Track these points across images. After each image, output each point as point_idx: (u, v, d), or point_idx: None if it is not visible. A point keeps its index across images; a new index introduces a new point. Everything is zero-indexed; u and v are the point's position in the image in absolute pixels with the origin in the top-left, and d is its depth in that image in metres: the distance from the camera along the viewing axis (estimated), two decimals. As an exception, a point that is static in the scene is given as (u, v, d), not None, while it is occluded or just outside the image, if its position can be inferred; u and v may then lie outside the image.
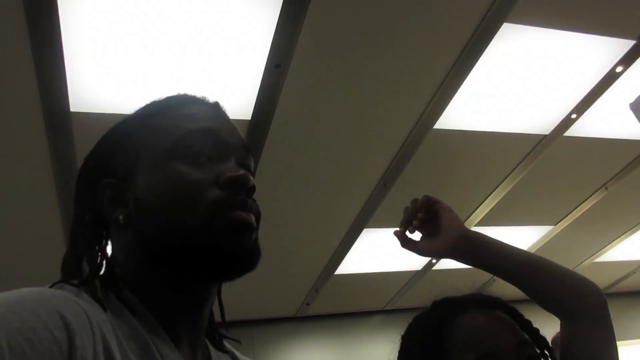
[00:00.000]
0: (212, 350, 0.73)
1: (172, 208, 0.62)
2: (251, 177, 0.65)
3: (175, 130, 0.66)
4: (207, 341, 0.74)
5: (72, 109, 2.13)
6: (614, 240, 4.66)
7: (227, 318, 0.79)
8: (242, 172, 0.64)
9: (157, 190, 0.63)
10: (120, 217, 0.64)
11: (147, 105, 0.74)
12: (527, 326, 0.75)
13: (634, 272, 5.56)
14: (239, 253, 0.64)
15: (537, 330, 0.76)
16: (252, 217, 0.65)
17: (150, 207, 0.63)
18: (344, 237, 3.60)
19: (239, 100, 2.29)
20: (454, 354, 0.67)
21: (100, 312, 0.55)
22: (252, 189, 0.65)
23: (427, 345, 0.74)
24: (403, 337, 0.76)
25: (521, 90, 2.60)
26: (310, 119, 2.51)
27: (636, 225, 4.43)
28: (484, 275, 4.76)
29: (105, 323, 0.53)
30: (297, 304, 4.62)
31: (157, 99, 0.74)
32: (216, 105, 0.74)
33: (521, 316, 0.76)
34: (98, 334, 0.50)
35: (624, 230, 4.50)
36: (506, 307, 0.76)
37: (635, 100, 0.69)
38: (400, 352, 0.76)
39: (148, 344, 0.56)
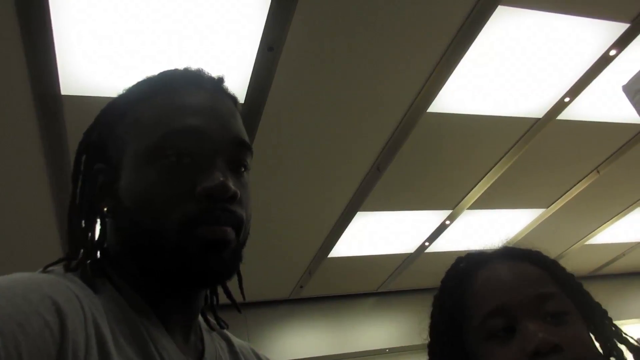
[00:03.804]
0: (206, 333, 0.72)
1: (145, 221, 0.60)
2: (230, 186, 0.60)
3: (158, 127, 0.62)
4: (200, 323, 0.73)
5: (63, 92, 2.11)
6: (604, 223, 4.71)
7: (221, 302, 0.79)
8: (218, 182, 0.59)
9: (135, 193, 0.61)
10: (106, 208, 0.64)
11: (139, 83, 0.71)
12: (565, 280, 0.64)
13: (623, 255, 5.62)
14: (206, 273, 0.61)
15: (578, 287, 0.65)
16: (227, 230, 0.60)
17: (128, 207, 0.62)
18: (337, 220, 3.61)
19: (232, 84, 2.23)
20: (471, 309, 0.63)
21: (92, 296, 0.55)
22: (232, 198, 0.61)
23: (448, 299, 0.67)
24: (434, 296, 0.73)
25: (515, 74, 2.60)
26: (303, 102, 2.50)
27: (626, 208, 4.48)
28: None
29: (96, 307, 0.53)
30: (291, 287, 4.65)
31: (152, 76, 0.70)
32: (214, 88, 0.70)
33: (558, 268, 0.67)
34: (90, 318, 0.50)
35: (614, 214, 4.55)
36: (538, 259, 0.67)
37: (628, 83, 0.69)
38: (431, 311, 0.72)
39: (139, 327, 0.56)
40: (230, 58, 2.15)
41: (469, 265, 0.69)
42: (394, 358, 5.27)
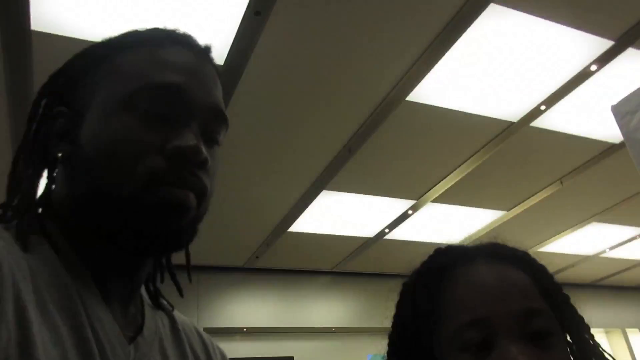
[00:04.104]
0: (147, 307, 0.67)
1: (108, 170, 0.55)
2: (203, 151, 0.56)
3: (137, 77, 0.58)
4: (143, 296, 0.68)
5: (33, 27, 2.00)
6: (559, 233, 4.84)
7: (174, 261, 0.75)
8: (192, 143, 0.56)
9: (100, 140, 0.56)
10: (60, 154, 0.58)
11: (125, 34, 0.65)
12: (552, 292, 0.58)
13: (573, 266, 5.82)
14: (161, 236, 0.56)
15: (565, 299, 0.59)
16: (191, 196, 0.57)
17: (88, 158, 0.57)
18: (302, 195, 3.60)
19: (213, 43, 2.20)
20: (448, 314, 0.55)
21: (20, 255, 0.49)
22: (203, 163, 0.57)
23: (423, 298, 0.58)
24: (403, 285, 0.62)
25: (496, 75, 2.60)
26: (284, 72, 2.45)
27: (582, 221, 4.61)
28: (432, 250, 4.88)
29: (21, 267, 0.48)
30: (247, 256, 4.63)
31: (139, 30, 0.65)
32: (201, 53, 0.65)
33: (546, 276, 0.60)
34: (8, 280, 0.45)
35: (570, 225, 4.68)
36: (526, 264, 0.60)
37: (617, 104, 0.68)
38: (398, 301, 0.61)
39: (72, 294, 0.51)
40: (215, 18, 2.07)
41: (450, 261, 0.60)
42: (339, 337, 5.36)
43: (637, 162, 0.74)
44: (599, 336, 6.70)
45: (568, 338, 0.58)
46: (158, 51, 0.61)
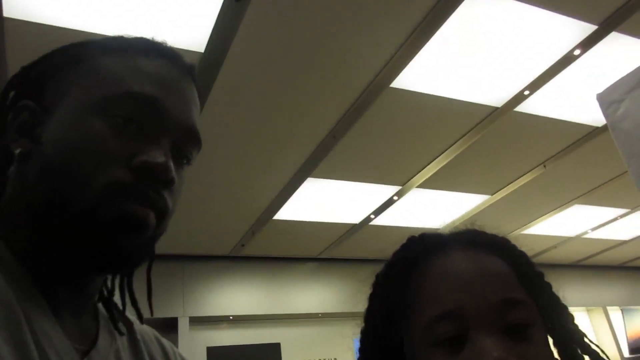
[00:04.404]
0: (103, 318, 0.62)
1: (68, 175, 0.52)
2: (171, 170, 0.54)
3: (115, 83, 0.56)
4: (99, 307, 0.63)
5: (6, 14, 1.93)
6: (542, 216, 4.89)
7: (158, 251, 0.70)
8: (160, 160, 0.53)
9: (63, 140, 0.53)
10: (18, 150, 0.54)
11: (110, 37, 0.61)
12: (533, 280, 0.54)
13: (555, 247, 5.90)
14: (114, 253, 0.52)
15: (547, 288, 0.55)
16: (151, 214, 0.53)
17: (48, 159, 0.53)
18: (287, 183, 3.57)
19: (193, 31, 2.15)
20: (420, 306, 0.51)
21: None
22: (169, 183, 0.54)
23: (394, 288, 0.54)
24: (376, 276, 0.58)
25: (480, 60, 2.59)
26: (266, 60, 2.41)
27: (565, 204, 4.66)
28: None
29: None
30: (232, 244, 4.61)
31: (125, 36, 0.62)
32: (185, 71, 0.62)
33: (526, 264, 0.55)
34: None
35: (553, 208, 4.73)
36: (506, 251, 0.55)
37: (603, 92, 0.67)
38: (370, 293, 0.57)
39: (14, 310, 0.47)
40: (194, 6, 2.02)
41: (423, 249, 0.56)
42: (326, 323, 5.39)
43: (622, 151, 0.73)
44: (581, 315, 6.88)
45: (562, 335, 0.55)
46: (141, 60, 0.58)
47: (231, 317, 4.91)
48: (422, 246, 0.57)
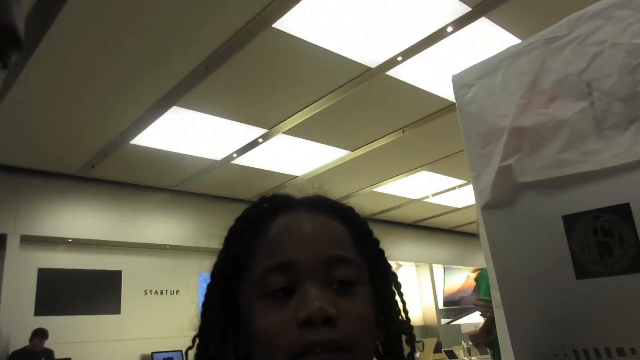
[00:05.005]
0: None
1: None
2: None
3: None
4: None
5: None
6: (394, 177, 5.25)
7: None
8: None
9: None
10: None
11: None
12: (368, 246, 0.59)
13: (400, 207, 6.41)
14: None
15: (379, 253, 0.61)
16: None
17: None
18: (151, 107, 3.37)
19: None
20: (257, 258, 0.54)
21: None
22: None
23: (237, 241, 0.56)
24: (228, 229, 0.59)
25: (363, 18, 2.63)
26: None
27: (414, 169, 5.04)
28: (277, 180, 4.99)
29: None
30: (81, 163, 4.28)
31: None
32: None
33: (365, 231, 0.60)
34: None
35: (403, 170, 5.09)
36: (347, 216, 0.59)
37: (457, 75, 0.72)
38: (222, 246, 0.58)
39: None
40: None
41: (271, 208, 0.58)
42: (173, 255, 5.32)
43: (464, 132, 0.79)
44: (410, 269, 7.61)
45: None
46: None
47: (70, 240, 4.62)
48: (270, 205, 0.59)
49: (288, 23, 2.60)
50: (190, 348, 0.56)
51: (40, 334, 4.07)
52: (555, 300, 0.72)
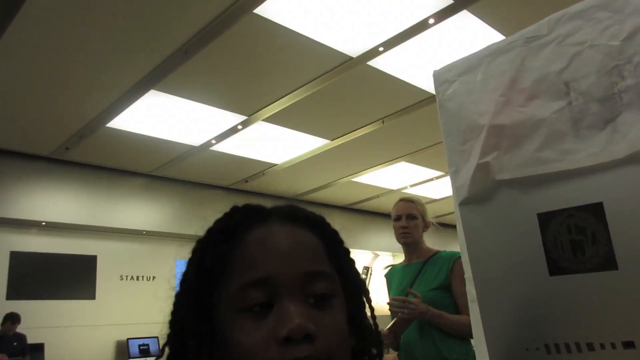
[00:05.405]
0: None
1: None
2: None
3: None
4: None
5: None
6: (372, 167, 5.27)
7: None
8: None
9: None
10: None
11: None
12: (340, 256, 0.60)
13: (377, 197, 6.44)
14: None
15: (350, 263, 0.62)
16: None
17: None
18: (128, 90, 3.31)
19: None
20: (233, 272, 0.54)
21: None
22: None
23: (210, 254, 0.56)
24: (197, 242, 0.58)
25: (345, 7, 2.61)
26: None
27: (393, 160, 5.06)
28: (256, 168, 4.96)
29: None
30: (55, 145, 4.20)
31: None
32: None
33: (336, 241, 0.61)
34: None
35: (382, 161, 5.10)
36: (319, 227, 0.60)
37: (439, 71, 0.72)
38: (190, 255, 0.57)
39: None
40: None
41: (244, 219, 0.58)
42: (149, 241, 5.27)
43: (444, 127, 0.80)
44: (387, 259, 7.63)
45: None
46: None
47: (43, 223, 4.54)
48: (243, 216, 0.59)
49: (270, 9, 2.57)
50: (159, 357, 0.56)
51: (12, 319, 4.01)
52: (529, 296, 0.73)
